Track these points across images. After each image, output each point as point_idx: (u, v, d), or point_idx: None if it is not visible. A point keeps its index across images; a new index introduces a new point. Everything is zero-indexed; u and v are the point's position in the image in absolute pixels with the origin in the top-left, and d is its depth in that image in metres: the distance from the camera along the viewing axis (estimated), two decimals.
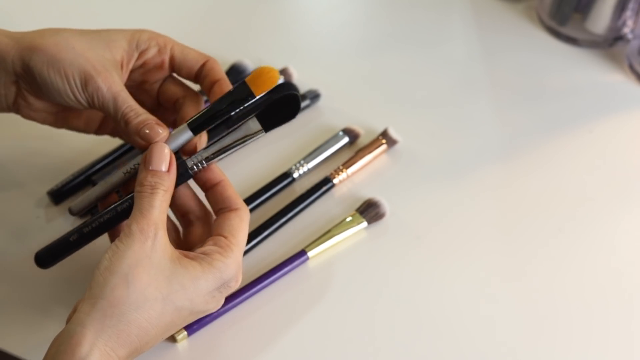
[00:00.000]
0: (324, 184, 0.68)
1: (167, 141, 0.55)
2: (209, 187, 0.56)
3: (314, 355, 0.58)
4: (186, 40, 0.61)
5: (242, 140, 0.54)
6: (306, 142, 0.71)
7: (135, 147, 0.56)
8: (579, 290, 0.62)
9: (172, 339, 0.58)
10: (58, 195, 0.66)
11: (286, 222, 0.65)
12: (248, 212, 0.56)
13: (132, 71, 0.59)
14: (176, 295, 0.49)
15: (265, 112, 0.54)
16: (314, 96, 0.74)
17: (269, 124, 0.54)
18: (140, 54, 0.59)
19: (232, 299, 0.60)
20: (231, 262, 0.52)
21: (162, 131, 0.55)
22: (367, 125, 0.72)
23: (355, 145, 0.71)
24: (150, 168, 0.52)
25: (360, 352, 0.58)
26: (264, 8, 0.86)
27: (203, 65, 0.60)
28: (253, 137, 0.54)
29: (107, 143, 0.70)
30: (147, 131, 0.54)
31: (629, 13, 0.79)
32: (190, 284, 0.50)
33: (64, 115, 0.61)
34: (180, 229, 0.59)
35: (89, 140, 0.67)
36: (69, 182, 0.67)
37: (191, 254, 0.52)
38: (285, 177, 0.68)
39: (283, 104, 0.54)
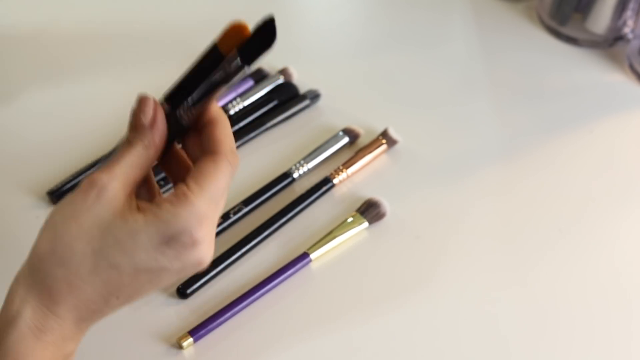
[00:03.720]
0: (324, 184, 0.67)
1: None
2: (201, 127, 0.47)
3: (322, 357, 0.58)
4: (186, 41, 0.61)
5: (225, 79, 0.48)
6: (306, 142, 0.71)
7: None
8: (579, 290, 0.62)
9: (178, 345, 0.57)
10: (58, 195, 0.66)
11: (286, 222, 0.65)
12: (228, 159, 0.45)
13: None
14: (109, 250, 0.43)
15: (242, 46, 0.50)
16: (314, 96, 0.74)
17: (248, 57, 0.49)
18: None
19: (237, 303, 0.59)
20: (182, 212, 0.42)
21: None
22: (367, 125, 0.72)
23: (355, 145, 0.71)
24: (133, 122, 0.46)
25: (365, 352, 0.58)
26: (264, 8, 0.86)
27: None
28: (236, 73, 0.48)
29: (107, 143, 0.69)
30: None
31: (629, 13, 0.79)
32: (126, 237, 0.43)
33: None
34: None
35: (89, 140, 0.67)
36: (69, 182, 0.67)
37: (144, 205, 0.45)
38: (285, 177, 0.68)
39: (257, 31, 0.50)
